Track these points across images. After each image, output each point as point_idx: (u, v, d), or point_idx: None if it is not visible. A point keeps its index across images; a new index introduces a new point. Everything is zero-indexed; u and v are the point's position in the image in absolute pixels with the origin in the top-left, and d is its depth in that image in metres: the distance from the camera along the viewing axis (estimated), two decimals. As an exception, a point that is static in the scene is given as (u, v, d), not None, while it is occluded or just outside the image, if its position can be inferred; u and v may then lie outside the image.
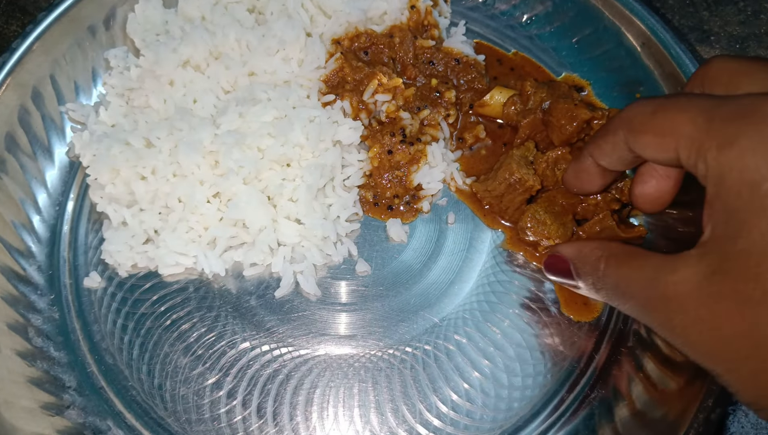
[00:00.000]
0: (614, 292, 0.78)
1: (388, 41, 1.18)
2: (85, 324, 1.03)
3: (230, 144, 1.02)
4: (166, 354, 1.00)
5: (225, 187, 1.02)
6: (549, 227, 1.01)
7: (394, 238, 1.09)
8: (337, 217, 1.07)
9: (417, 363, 1.00)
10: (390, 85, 1.11)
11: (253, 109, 1.06)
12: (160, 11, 1.20)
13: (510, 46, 1.28)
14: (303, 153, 1.06)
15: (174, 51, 1.11)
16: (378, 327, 1.02)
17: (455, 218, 1.11)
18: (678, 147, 0.67)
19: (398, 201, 1.11)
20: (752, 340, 0.61)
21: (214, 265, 1.02)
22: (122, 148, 1.05)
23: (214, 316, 1.02)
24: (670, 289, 0.68)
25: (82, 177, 1.13)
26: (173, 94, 1.11)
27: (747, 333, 0.61)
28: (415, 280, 1.06)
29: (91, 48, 1.20)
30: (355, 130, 1.09)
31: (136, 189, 1.04)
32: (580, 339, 1.02)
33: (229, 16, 1.16)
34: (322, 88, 1.13)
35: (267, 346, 1.00)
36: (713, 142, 0.62)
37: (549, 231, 1.01)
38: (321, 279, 1.06)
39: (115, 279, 1.05)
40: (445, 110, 1.14)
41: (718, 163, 0.62)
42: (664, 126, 0.69)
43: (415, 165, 1.10)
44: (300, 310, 1.03)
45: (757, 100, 0.61)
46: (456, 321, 1.03)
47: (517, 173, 1.02)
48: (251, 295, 1.04)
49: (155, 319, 1.02)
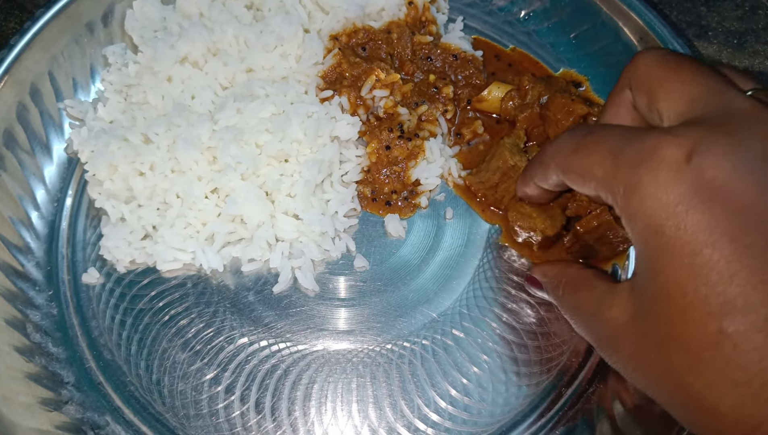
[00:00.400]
0: (572, 318, 0.82)
1: (385, 37, 1.17)
2: (83, 320, 1.02)
3: (228, 140, 1.02)
4: (165, 349, 0.99)
5: (223, 182, 1.02)
6: (535, 220, 1.00)
7: (392, 234, 1.08)
8: (335, 212, 1.06)
9: (415, 358, 1.00)
10: (388, 81, 1.10)
11: (251, 105, 1.05)
12: (158, 8, 1.20)
13: (508, 41, 1.28)
14: (301, 148, 1.05)
15: (172, 47, 1.10)
16: (376, 322, 1.02)
17: (453, 213, 1.11)
18: (596, 188, 0.68)
19: (396, 196, 1.11)
20: (672, 382, 0.62)
21: (212, 260, 1.02)
22: (120, 144, 1.04)
23: (212, 312, 1.02)
24: (606, 325, 0.70)
25: (81, 173, 1.13)
26: (171, 90, 1.10)
27: (667, 374, 0.62)
28: (413, 276, 1.06)
29: (89, 45, 1.20)
30: (352, 126, 1.09)
31: (135, 185, 1.03)
32: (577, 335, 1.00)
33: (227, 12, 1.15)
34: (319, 84, 1.13)
35: (265, 342, 1.00)
36: (620, 188, 0.64)
37: (535, 223, 1.00)
38: (319, 274, 1.05)
39: (113, 275, 1.05)
40: (443, 106, 1.14)
41: (627, 208, 0.63)
42: (582, 167, 0.70)
43: (413, 160, 1.10)
44: (298, 305, 1.03)
45: (657, 142, 0.61)
46: (454, 316, 1.03)
47: (511, 160, 1.01)
48: (249, 291, 1.04)
49: (153, 314, 1.01)
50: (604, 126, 0.74)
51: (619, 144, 0.65)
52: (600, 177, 0.67)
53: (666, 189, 0.60)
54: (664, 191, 0.60)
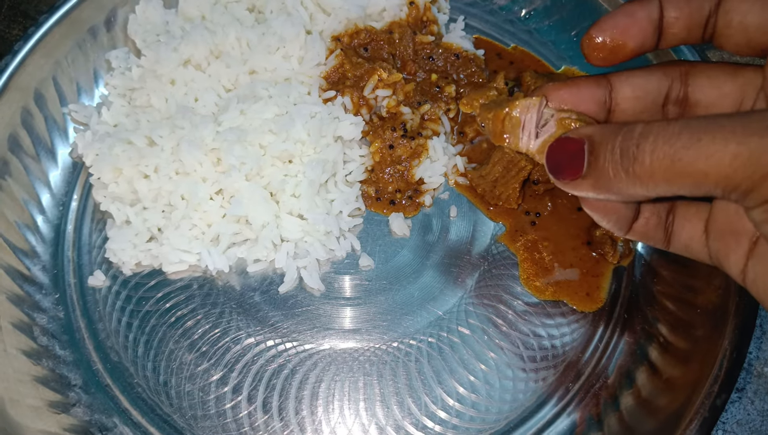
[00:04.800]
0: (661, 171, 0.53)
1: (387, 37, 1.18)
2: (90, 322, 1.03)
3: (232, 141, 1.02)
4: (171, 351, 0.99)
5: (227, 184, 1.02)
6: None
7: (396, 233, 1.09)
8: (339, 212, 1.06)
9: (422, 356, 0.99)
10: (390, 81, 1.11)
11: (255, 107, 1.06)
12: (160, 12, 1.21)
13: (509, 40, 1.28)
14: (304, 149, 1.06)
15: (175, 50, 1.11)
16: (382, 321, 1.02)
17: (457, 211, 1.11)
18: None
19: (400, 195, 1.11)
20: None
21: (217, 261, 1.02)
22: (125, 147, 1.05)
23: (218, 313, 1.02)
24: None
25: (86, 177, 1.13)
26: (175, 93, 1.11)
27: None
28: (418, 274, 1.06)
29: (93, 49, 1.21)
30: (356, 126, 1.09)
31: (139, 187, 1.04)
32: (585, 329, 1.02)
33: (229, 15, 1.16)
34: (322, 85, 1.13)
35: (272, 341, 1.00)
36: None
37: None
38: (324, 274, 1.06)
39: (119, 277, 1.06)
40: (445, 105, 1.14)
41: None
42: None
43: (417, 159, 1.10)
44: (304, 305, 1.03)
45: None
46: (459, 313, 1.03)
47: (510, 153, 1.01)
48: (255, 291, 1.04)
49: (160, 316, 1.02)
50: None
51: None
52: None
53: None
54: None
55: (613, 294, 1.05)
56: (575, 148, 0.61)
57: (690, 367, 0.91)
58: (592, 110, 0.69)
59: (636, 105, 0.69)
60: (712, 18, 0.63)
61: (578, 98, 0.69)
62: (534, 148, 0.69)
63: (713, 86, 0.67)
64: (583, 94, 0.69)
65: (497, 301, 1.04)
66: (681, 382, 0.91)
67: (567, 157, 0.62)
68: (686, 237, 0.68)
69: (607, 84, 0.69)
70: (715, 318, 0.93)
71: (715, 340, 0.90)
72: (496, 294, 1.04)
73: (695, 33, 0.64)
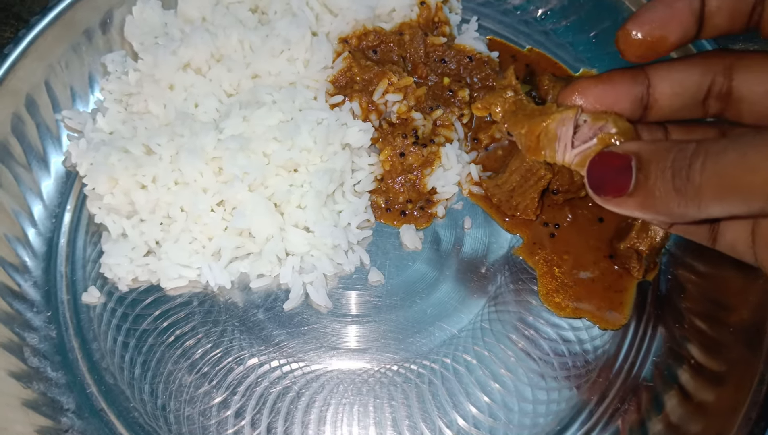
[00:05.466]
0: (710, 189, 0.52)
1: (397, 39, 1.15)
2: (83, 342, 0.99)
3: (234, 149, 0.99)
4: (170, 372, 0.96)
5: (229, 194, 0.99)
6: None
7: (408, 245, 1.05)
8: (347, 224, 1.04)
9: (435, 377, 0.95)
10: (400, 85, 1.08)
11: (258, 113, 1.03)
12: (158, 13, 1.18)
13: (524, 42, 1.26)
14: (311, 157, 1.03)
15: (174, 54, 1.09)
16: (393, 339, 0.98)
17: (472, 223, 1.08)
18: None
19: (411, 206, 1.08)
20: None
21: (219, 277, 0.99)
22: (121, 155, 1.01)
23: (219, 331, 0.99)
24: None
25: (80, 187, 1.09)
26: (173, 98, 1.08)
27: None
28: (430, 290, 1.02)
29: (88, 53, 1.18)
30: (364, 133, 1.06)
31: (136, 199, 1.01)
32: (608, 347, 0.98)
33: (231, 16, 1.13)
34: (329, 89, 1.11)
35: (276, 362, 0.96)
36: None
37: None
38: (332, 290, 1.02)
39: (114, 294, 1.02)
40: (458, 110, 1.12)
41: None
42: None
43: (429, 168, 1.07)
44: (310, 322, 1.00)
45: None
46: (475, 332, 0.98)
47: (528, 161, 0.97)
48: (259, 308, 1.01)
49: (158, 335, 0.98)
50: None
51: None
52: None
53: None
54: None
55: (637, 311, 1.00)
56: (621, 164, 0.58)
57: (724, 391, 0.87)
58: (627, 109, 0.66)
59: (674, 101, 0.67)
60: (759, 6, 0.60)
61: (614, 96, 0.66)
62: (571, 161, 0.66)
63: (760, 82, 0.64)
64: (619, 91, 0.67)
65: (515, 319, 0.99)
66: (715, 407, 0.86)
67: (611, 173, 0.59)
68: (732, 237, 0.65)
69: (644, 79, 0.66)
70: (749, 338, 0.88)
71: (751, 362, 0.86)
72: (513, 310, 1.00)
73: (739, 22, 0.62)
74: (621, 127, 0.63)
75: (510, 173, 1.02)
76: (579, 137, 0.65)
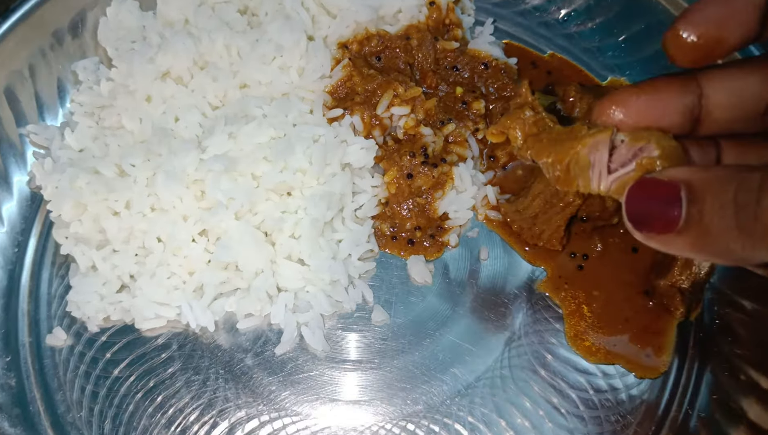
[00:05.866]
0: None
1: (404, 44, 1.11)
2: (46, 392, 0.92)
3: (218, 171, 0.95)
4: (145, 428, 0.89)
5: (213, 223, 0.95)
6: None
7: (416, 279, 1.00)
8: (347, 255, 0.99)
9: (449, 434, 0.88)
10: (408, 96, 1.04)
11: (246, 129, 0.98)
12: (136, 15, 1.13)
13: (545, 46, 1.21)
14: (306, 180, 0.99)
15: (151, 61, 1.04)
16: (399, 389, 0.92)
17: (489, 253, 1.02)
18: None
19: (420, 234, 1.03)
20: None
21: (201, 317, 0.94)
22: (90, 178, 0.96)
23: (202, 380, 0.92)
24: None
25: (46, 212, 1.02)
26: (150, 112, 1.03)
27: None
28: (442, 331, 0.96)
29: (57, 59, 1.11)
30: (367, 151, 1.02)
31: (107, 227, 0.96)
32: (646, 398, 0.90)
33: (217, 18, 1.08)
34: (327, 102, 1.06)
35: (266, 416, 0.90)
36: None
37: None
38: (330, 331, 0.97)
39: (83, 335, 0.96)
40: (473, 124, 1.07)
41: None
42: None
43: (440, 190, 1.02)
44: (305, 370, 0.94)
45: None
46: (494, 380, 0.92)
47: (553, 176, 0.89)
48: (247, 353, 0.95)
49: (132, 384, 0.92)
50: None
51: None
52: None
53: None
54: None
55: (678, 356, 0.92)
56: (667, 195, 0.52)
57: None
58: (676, 123, 0.60)
59: (730, 113, 0.61)
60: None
61: (660, 109, 0.60)
62: (608, 188, 0.60)
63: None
64: (667, 102, 0.61)
65: (539, 365, 0.93)
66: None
67: (656, 206, 0.53)
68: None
69: (696, 87, 0.60)
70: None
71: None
72: (537, 355, 0.93)
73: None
74: (666, 146, 0.57)
75: (533, 197, 0.95)
76: (616, 159, 0.59)
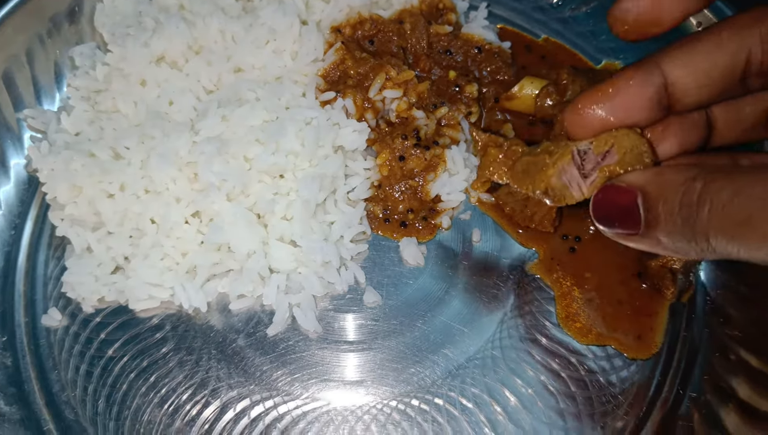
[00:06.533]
0: (730, 225, 0.53)
1: (397, 28, 1.11)
2: (41, 371, 0.93)
3: (211, 153, 0.95)
4: (138, 407, 0.89)
5: (206, 204, 0.95)
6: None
7: (408, 261, 1.00)
8: (340, 237, 0.99)
9: (440, 414, 0.88)
10: (400, 80, 1.04)
11: (239, 111, 0.99)
12: (132, 0, 1.12)
13: (539, 30, 1.21)
14: (298, 162, 0.99)
15: (145, 45, 1.05)
16: (391, 370, 0.92)
17: (481, 235, 1.02)
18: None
19: (413, 216, 1.03)
20: None
21: (194, 297, 0.94)
22: (85, 160, 0.97)
23: (194, 360, 0.92)
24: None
25: (43, 195, 1.03)
26: (145, 95, 1.03)
27: None
28: (434, 312, 0.96)
29: (54, 44, 1.13)
30: (359, 133, 1.02)
31: (102, 209, 0.96)
32: (637, 379, 0.90)
33: (211, 3, 1.08)
34: (320, 85, 1.06)
35: (258, 396, 0.90)
36: None
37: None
38: (322, 312, 0.96)
39: (78, 316, 0.96)
40: (465, 107, 1.07)
41: None
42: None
43: (432, 173, 1.02)
44: (297, 350, 0.94)
45: None
46: (485, 361, 0.91)
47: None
48: (239, 334, 0.95)
49: (125, 364, 0.92)
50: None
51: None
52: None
53: None
54: None
55: (670, 337, 0.92)
56: (626, 202, 0.59)
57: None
58: (644, 117, 0.63)
59: (702, 93, 0.62)
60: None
61: (624, 109, 0.63)
62: (591, 194, 0.67)
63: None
64: (630, 99, 0.62)
65: (530, 346, 0.92)
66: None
67: (618, 211, 0.60)
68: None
69: (659, 74, 0.61)
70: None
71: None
72: (529, 337, 0.93)
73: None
74: (629, 145, 0.62)
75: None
76: (588, 164, 0.66)
